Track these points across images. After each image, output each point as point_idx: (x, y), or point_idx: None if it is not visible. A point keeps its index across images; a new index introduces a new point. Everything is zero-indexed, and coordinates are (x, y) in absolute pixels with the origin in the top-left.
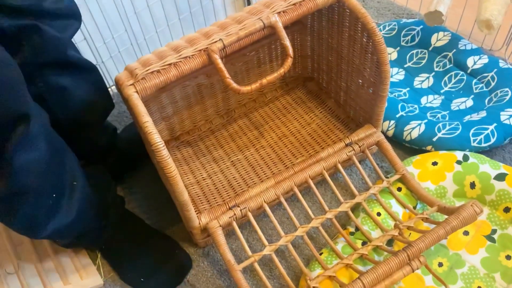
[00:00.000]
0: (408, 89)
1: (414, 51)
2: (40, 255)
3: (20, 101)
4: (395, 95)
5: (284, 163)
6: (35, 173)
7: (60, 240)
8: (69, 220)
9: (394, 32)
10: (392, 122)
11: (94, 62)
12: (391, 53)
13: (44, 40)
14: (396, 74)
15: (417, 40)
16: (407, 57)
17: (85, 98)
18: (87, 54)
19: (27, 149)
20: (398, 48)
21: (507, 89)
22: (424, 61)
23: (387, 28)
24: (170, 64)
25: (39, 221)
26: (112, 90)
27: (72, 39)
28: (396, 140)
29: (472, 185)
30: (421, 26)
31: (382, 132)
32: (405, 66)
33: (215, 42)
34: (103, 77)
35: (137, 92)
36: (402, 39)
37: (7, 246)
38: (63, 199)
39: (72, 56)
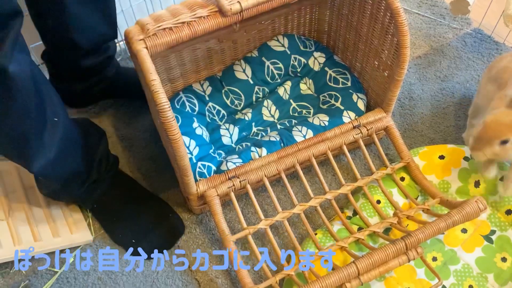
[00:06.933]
0: None
1: None
2: (31, 205)
3: None
4: None
5: None
6: (23, 83)
7: (48, 182)
8: (52, 156)
9: None
10: None
11: None
12: None
13: None
14: None
15: None
16: None
17: (83, 17)
18: None
19: (19, 55)
20: None
21: None
22: None
23: None
24: (183, 23)
25: (27, 145)
26: (120, 46)
27: None
28: None
29: (477, 184)
30: None
31: None
32: None
33: (233, 4)
34: None
35: (146, 48)
36: None
37: None
38: (45, 131)
39: None
